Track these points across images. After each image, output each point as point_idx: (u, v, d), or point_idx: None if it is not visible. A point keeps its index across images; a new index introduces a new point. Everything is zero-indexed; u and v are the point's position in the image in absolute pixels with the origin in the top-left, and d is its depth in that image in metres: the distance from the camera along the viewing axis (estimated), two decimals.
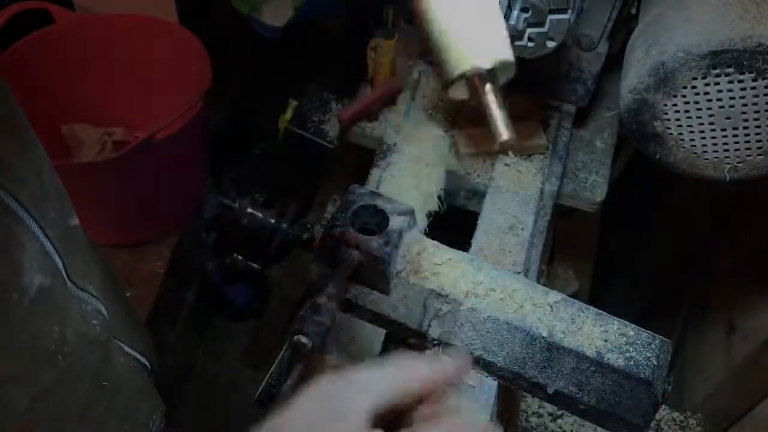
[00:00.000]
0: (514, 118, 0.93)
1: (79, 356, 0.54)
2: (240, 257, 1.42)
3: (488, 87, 0.37)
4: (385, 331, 0.70)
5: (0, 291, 0.45)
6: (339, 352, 0.68)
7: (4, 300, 0.45)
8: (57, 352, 0.51)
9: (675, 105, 0.74)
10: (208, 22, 1.36)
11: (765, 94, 0.70)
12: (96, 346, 0.57)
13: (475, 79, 0.37)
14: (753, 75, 0.69)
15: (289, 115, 1.10)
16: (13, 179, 0.47)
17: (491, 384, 0.66)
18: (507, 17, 0.70)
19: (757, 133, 0.74)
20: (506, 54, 0.38)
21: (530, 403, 1.14)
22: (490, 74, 0.37)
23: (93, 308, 0.59)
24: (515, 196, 0.83)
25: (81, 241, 0.61)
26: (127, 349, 0.68)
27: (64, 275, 0.54)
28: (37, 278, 0.48)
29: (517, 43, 0.73)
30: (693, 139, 0.76)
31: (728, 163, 0.77)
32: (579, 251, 1.33)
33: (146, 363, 0.73)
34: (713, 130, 0.75)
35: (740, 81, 0.70)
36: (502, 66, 0.37)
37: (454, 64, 0.37)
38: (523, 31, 0.71)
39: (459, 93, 0.38)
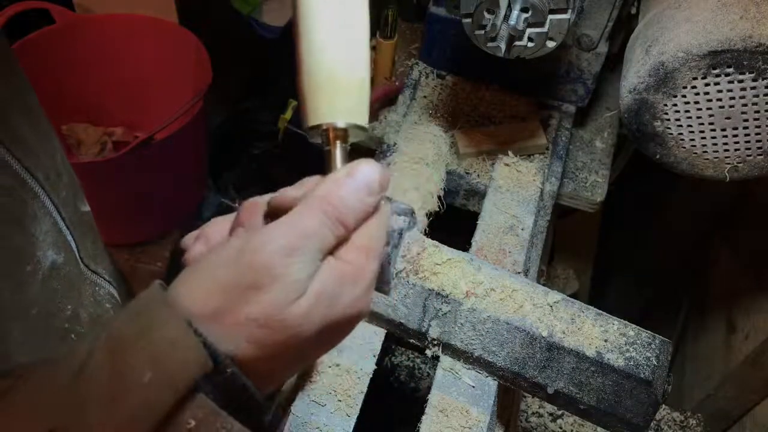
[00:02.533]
0: (514, 118, 0.95)
1: None
2: None
3: (339, 144, 0.42)
4: (385, 331, 0.70)
5: (14, 261, 0.45)
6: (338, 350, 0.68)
7: (18, 270, 0.45)
8: (70, 331, 0.51)
9: (675, 105, 0.74)
10: (208, 22, 1.36)
11: (765, 94, 0.70)
12: None
13: (330, 132, 0.42)
14: (753, 75, 0.69)
15: (289, 115, 1.10)
16: (29, 155, 0.47)
17: (491, 384, 0.66)
18: (507, 17, 0.70)
19: (757, 133, 0.74)
20: (363, 121, 0.43)
21: (530, 403, 1.14)
22: (344, 132, 0.42)
23: (106, 292, 0.59)
24: (515, 196, 0.83)
25: (92, 228, 0.61)
26: None
27: (77, 255, 0.54)
28: (51, 253, 0.48)
29: (517, 43, 0.73)
30: (693, 139, 0.76)
31: (728, 163, 0.77)
32: (579, 251, 1.33)
33: None
34: (713, 130, 0.75)
35: (740, 81, 0.70)
36: (356, 130, 0.43)
37: (312, 113, 0.42)
38: (523, 31, 0.71)
39: (316, 137, 0.44)
